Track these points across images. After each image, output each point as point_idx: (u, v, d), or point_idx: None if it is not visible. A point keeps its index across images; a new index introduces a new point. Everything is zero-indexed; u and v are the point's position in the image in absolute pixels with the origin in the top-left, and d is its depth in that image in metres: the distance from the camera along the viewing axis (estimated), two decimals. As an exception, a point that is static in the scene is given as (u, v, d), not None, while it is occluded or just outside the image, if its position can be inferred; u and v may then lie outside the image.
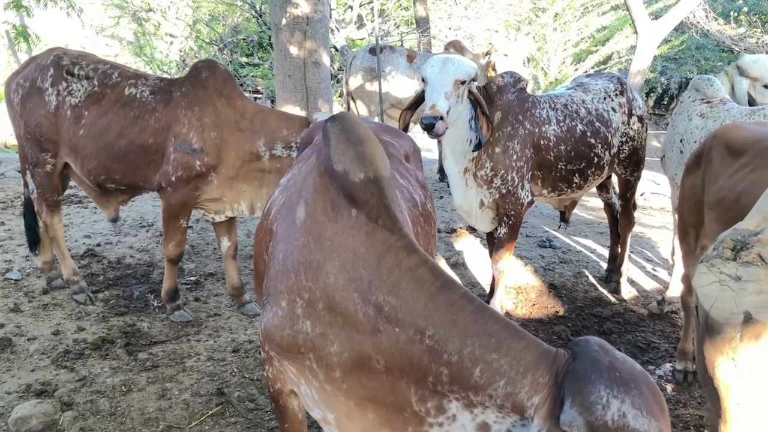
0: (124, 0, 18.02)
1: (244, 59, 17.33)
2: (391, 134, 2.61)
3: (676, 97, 16.35)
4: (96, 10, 18.25)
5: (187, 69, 4.36)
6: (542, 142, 4.10)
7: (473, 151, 3.87)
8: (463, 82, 3.62)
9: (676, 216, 3.97)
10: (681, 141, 4.40)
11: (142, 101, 4.05)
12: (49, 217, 4.33)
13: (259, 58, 17.07)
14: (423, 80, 3.66)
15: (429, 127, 3.47)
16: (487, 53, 7.70)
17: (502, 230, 4.09)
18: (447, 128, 3.59)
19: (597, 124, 4.37)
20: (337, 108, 10.34)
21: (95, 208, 6.52)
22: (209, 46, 18.87)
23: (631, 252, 5.41)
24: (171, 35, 18.26)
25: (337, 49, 13.87)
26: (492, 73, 7.33)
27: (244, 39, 17.98)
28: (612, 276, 5.18)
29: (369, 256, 1.59)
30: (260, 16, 16.45)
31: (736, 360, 1.64)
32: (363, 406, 1.65)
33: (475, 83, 3.75)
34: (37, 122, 4.10)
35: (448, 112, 3.54)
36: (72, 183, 4.64)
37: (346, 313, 1.61)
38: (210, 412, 3.24)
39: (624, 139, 4.57)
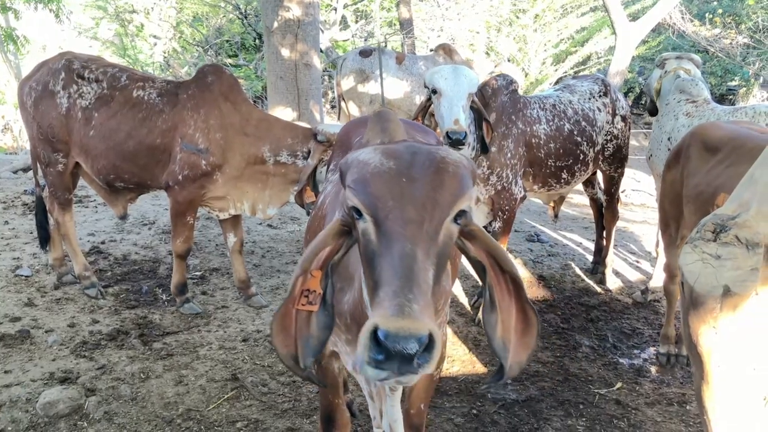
0: (105, 0, 18.01)
1: (228, 60, 17.39)
2: (421, 132, 2.75)
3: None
4: (75, 10, 18.11)
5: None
6: (533, 141, 4.34)
7: (481, 154, 4.03)
8: (471, 93, 3.70)
9: (661, 210, 4.22)
10: (669, 139, 4.64)
11: (149, 103, 4.21)
12: (61, 214, 4.48)
13: (243, 59, 17.16)
14: (434, 91, 3.64)
15: (457, 143, 3.45)
16: (490, 73, 7.87)
17: (497, 224, 4.33)
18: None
19: (583, 123, 4.62)
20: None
21: (96, 207, 6.66)
22: (193, 47, 18.91)
23: (615, 245, 5.68)
24: (155, 36, 18.25)
25: (321, 50, 14.02)
26: None
27: (227, 40, 18.06)
28: (598, 267, 5.45)
29: None
30: (245, 17, 16.55)
31: (717, 328, 1.88)
32: None
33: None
34: (50, 124, 4.25)
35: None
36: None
37: None
38: (226, 396, 3.43)
39: (608, 138, 4.83)
